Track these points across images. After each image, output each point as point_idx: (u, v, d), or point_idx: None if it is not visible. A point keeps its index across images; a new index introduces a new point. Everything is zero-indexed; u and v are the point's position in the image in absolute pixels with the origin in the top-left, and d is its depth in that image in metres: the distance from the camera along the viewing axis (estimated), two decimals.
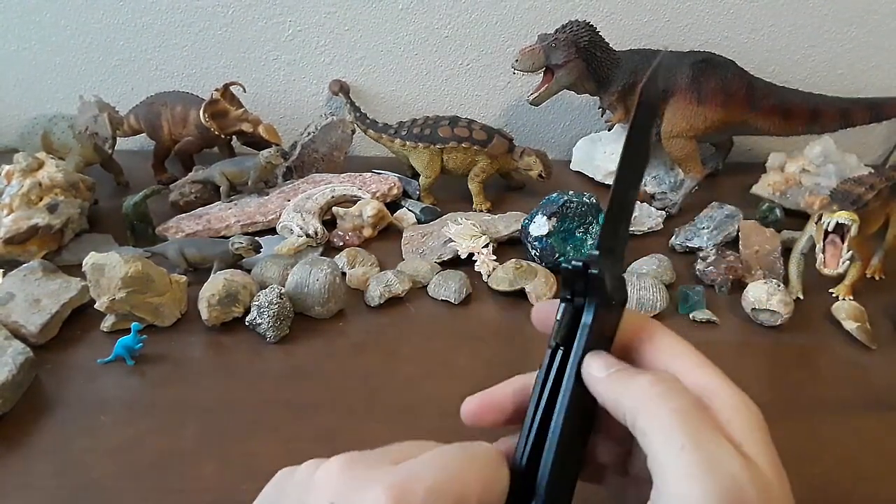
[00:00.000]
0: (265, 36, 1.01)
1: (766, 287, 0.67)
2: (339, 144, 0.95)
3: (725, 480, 0.24)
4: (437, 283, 0.72)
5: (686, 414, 0.26)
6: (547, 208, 0.76)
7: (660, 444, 0.26)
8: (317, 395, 0.58)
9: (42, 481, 0.48)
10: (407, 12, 0.99)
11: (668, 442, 0.25)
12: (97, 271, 0.62)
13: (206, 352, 0.63)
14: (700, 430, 0.25)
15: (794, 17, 1.00)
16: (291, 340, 0.64)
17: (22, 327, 0.61)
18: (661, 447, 0.26)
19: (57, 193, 0.75)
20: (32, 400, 0.56)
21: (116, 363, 0.60)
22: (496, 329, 0.67)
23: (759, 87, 0.88)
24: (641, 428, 0.27)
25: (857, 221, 0.66)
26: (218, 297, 0.63)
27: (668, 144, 0.88)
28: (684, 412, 0.26)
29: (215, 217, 0.82)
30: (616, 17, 1.00)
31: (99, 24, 1.00)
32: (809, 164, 0.90)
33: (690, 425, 0.26)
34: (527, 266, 0.72)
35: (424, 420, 0.55)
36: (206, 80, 1.03)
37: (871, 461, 0.52)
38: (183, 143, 0.92)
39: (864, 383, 0.61)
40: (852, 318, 0.66)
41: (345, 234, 0.81)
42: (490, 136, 0.88)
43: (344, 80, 1.02)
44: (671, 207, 0.89)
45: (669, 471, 0.25)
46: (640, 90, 0.32)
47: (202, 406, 0.56)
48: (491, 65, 1.04)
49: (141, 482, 0.48)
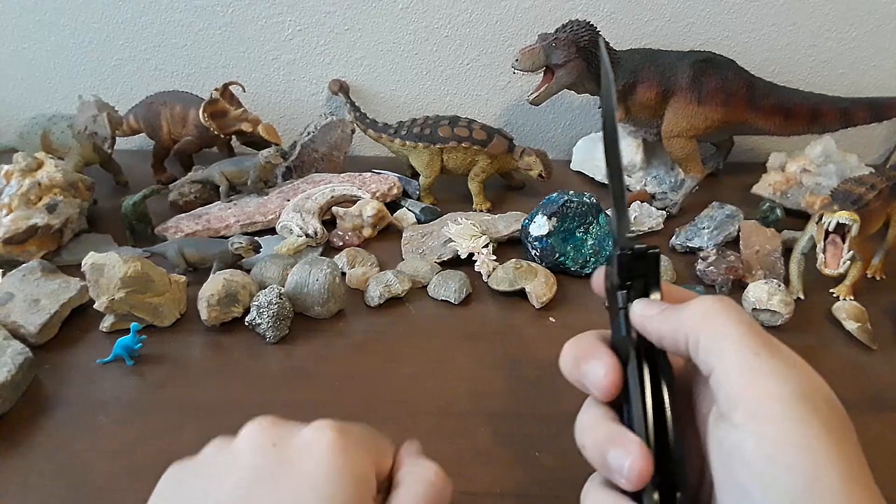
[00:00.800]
0: (265, 35, 1.01)
1: (767, 287, 0.67)
2: (339, 144, 0.95)
3: (806, 379, 0.25)
4: (437, 283, 0.71)
5: (752, 325, 0.27)
6: (547, 208, 0.76)
7: (733, 352, 0.25)
8: (317, 395, 0.58)
9: (42, 481, 0.48)
10: (407, 12, 0.99)
11: (742, 349, 0.25)
12: (96, 271, 0.62)
13: (205, 352, 0.63)
14: (769, 339, 0.26)
15: (794, 17, 1.00)
16: (291, 340, 0.64)
17: (21, 327, 0.61)
18: (735, 355, 0.25)
19: (56, 193, 0.74)
20: (32, 400, 0.56)
21: (116, 363, 0.60)
22: (496, 329, 0.67)
23: (759, 87, 0.88)
24: (707, 346, 0.26)
25: (858, 221, 0.66)
26: (217, 297, 0.63)
27: (668, 144, 0.88)
28: (750, 324, 0.27)
29: (215, 217, 0.82)
30: (616, 17, 1.00)
31: (99, 24, 1.00)
32: (810, 163, 0.90)
33: (760, 335, 0.26)
34: (527, 266, 0.72)
35: (424, 420, 0.55)
36: (206, 79, 1.03)
37: (872, 461, 0.52)
38: (182, 142, 0.92)
39: (864, 383, 0.61)
40: (853, 318, 0.66)
41: (345, 234, 0.81)
42: (490, 135, 0.87)
43: (344, 79, 1.02)
44: (672, 207, 0.89)
45: (750, 375, 0.25)
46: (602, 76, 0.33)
47: (202, 406, 0.56)
48: (491, 65, 1.04)
49: (141, 482, 0.48)
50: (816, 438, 0.23)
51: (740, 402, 0.24)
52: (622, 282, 0.31)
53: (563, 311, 0.69)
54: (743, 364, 0.25)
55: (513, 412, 0.56)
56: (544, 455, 0.51)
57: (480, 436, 0.53)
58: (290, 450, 0.29)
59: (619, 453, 0.27)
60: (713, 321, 0.27)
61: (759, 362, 0.25)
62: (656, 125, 0.90)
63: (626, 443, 0.27)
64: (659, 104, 0.88)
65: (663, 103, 0.87)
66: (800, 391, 0.24)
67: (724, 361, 0.26)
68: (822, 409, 0.24)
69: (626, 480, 0.26)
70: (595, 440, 0.28)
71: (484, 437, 0.53)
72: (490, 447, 0.52)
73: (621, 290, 0.31)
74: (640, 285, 0.31)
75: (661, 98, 0.87)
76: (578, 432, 0.30)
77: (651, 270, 0.31)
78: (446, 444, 0.52)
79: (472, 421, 0.55)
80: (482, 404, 0.57)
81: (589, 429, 0.29)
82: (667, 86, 0.86)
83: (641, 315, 0.29)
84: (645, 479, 0.26)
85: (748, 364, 0.25)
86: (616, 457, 0.27)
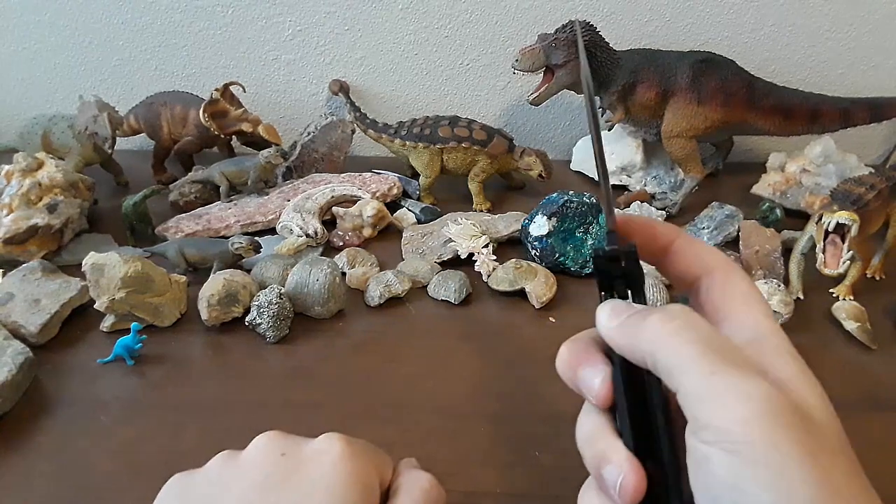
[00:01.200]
0: (265, 36, 1.01)
1: (767, 287, 0.67)
2: (339, 144, 0.95)
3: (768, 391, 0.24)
4: (437, 283, 0.71)
5: (708, 342, 0.25)
6: (547, 208, 0.76)
7: (688, 375, 0.25)
8: (317, 395, 0.58)
9: (42, 481, 0.48)
10: (407, 12, 0.99)
11: (696, 371, 0.24)
12: (97, 271, 0.62)
13: (205, 352, 0.63)
14: (724, 354, 0.25)
15: (794, 17, 1.00)
16: (291, 340, 0.64)
17: (22, 327, 0.61)
18: (689, 378, 0.25)
19: (56, 193, 0.75)
20: (32, 400, 0.56)
21: (116, 363, 0.60)
22: (496, 329, 0.67)
23: (759, 87, 0.88)
24: (665, 366, 0.26)
25: (858, 221, 0.66)
26: (218, 297, 0.63)
27: (668, 144, 0.88)
28: (706, 341, 0.25)
29: (215, 217, 0.82)
30: (616, 17, 1.00)
31: (99, 24, 1.00)
32: (810, 163, 0.90)
33: (716, 352, 0.25)
34: (527, 266, 0.72)
35: (424, 420, 0.55)
36: (206, 80, 1.03)
37: (872, 461, 0.52)
38: (183, 142, 0.92)
39: (864, 383, 0.61)
40: (853, 318, 0.66)
41: (345, 234, 0.81)
42: (490, 135, 0.88)
43: (344, 79, 1.02)
44: (671, 207, 0.89)
45: (705, 398, 0.24)
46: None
47: (202, 406, 0.56)
48: (491, 65, 1.04)
49: (141, 482, 0.48)
50: (787, 455, 0.22)
51: (706, 426, 0.24)
52: (602, 284, 0.31)
53: (563, 311, 0.69)
54: (699, 388, 0.24)
55: (513, 412, 0.56)
56: (544, 455, 0.51)
57: (480, 436, 0.53)
58: (300, 458, 0.30)
59: (612, 469, 0.27)
60: (667, 342, 0.26)
61: (715, 382, 0.24)
62: (656, 125, 0.90)
63: (620, 459, 0.27)
64: (659, 104, 0.88)
65: (663, 103, 0.88)
66: (764, 408, 0.23)
67: (682, 385, 0.25)
68: (790, 422, 0.23)
69: (619, 497, 0.26)
70: (592, 452, 0.28)
71: (484, 437, 0.53)
72: (490, 447, 0.52)
73: (603, 292, 0.31)
74: (622, 287, 0.30)
75: (661, 98, 0.87)
76: (578, 439, 0.30)
77: (630, 271, 0.30)
78: (446, 445, 0.52)
79: (472, 421, 0.55)
80: (482, 404, 0.57)
81: (587, 440, 0.29)
82: (666, 86, 0.86)
83: (600, 325, 0.29)
84: (638, 496, 0.26)
85: (705, 386, 0.24)
86: (610, 472, 0.27)
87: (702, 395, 0.24)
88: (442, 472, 0.35)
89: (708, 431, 0.24)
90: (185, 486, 0.30)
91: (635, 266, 0.30)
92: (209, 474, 0.30)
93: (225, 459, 0.31)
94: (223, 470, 0.30)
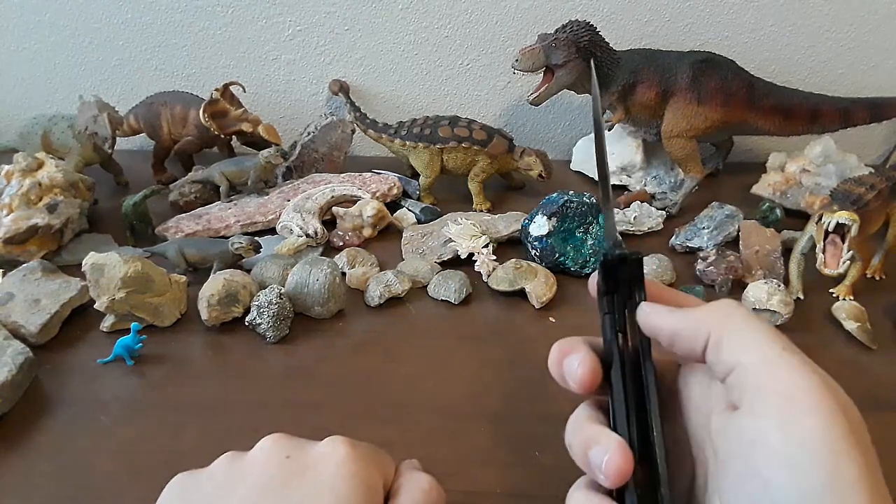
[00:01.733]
0: (265, 35, 1.01)
1: (767, 287, 0.67)
2: (339, 144, 0.95)
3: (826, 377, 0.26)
4: (437, 283, 0.71)
5: (771, 327, 0.28)
6: (547, 208, 0.76)
7: (761, 348, 0.27)
8: (317, 395, 0.58)
9: (42, 481, 0.48)
10: (407, 12, 0.99)
11: (769, 345, 0.27)
12: (97, 271, 0.62)
13: (205, 352, 0.63)
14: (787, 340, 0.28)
15: (794, 17, 1.00)
16: (291, 340, 0.64)
17: (21, 327, 0.61)
18: (762, 351, 0.27)
19: (56, 193, 0.75)
20: (32, 400, 0.56)
21: (116, 363, 0.60)
22: (496, 329, 0.67)
23: (759, 87, 0.88)
24: (732, 343, 0.27)
25: (858, 221, 0.66)
26: (218, 297, 0.63)
27: (668, 144, 0.88)
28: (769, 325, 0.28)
29: (215, 217, 0.82)
30: (616, 17, 1.00)
31: (99, 24, 1.00)
32: (810, 163, 0.90)
33: (781, 335, 0.28)
34: (527, 266, 0.72)
35: (424, 420, 0.55)
36: (206, 80, 1.03)
37: None
38: (183, 142, 0.92)
39: (864, 383, 0.61)
40: (853, 318, 0.66)
41: (345, 234, 0.81)
42: (490, 135, 0.88)
43: (344, 79, 1.02)
44: (671, 207, 0.89)
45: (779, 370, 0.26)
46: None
47: (202, 406, 0.56)
48: (491, 65, 1.04)
49: (141, 482, 0.48)
50: (841, 435, 0.24)
51: (770, 396, 0.25)
52: (607, 287, 0.32)
53: (563, 311, 0.69)
54: (771, 359, 0.26)
55: (513, 412, 0.56)
56: (544, 455, 0.51)
57: (480, 436, 0.53)
58: (305, 460, 0.30)
59: (598, 450, 0.28)
60: (737, 321, 0.28)
61: (786, 357, 0.26)
62: (656, 125, 0.90)
63: (606, 441, 0.28)
64: (659, 104, 0.88)
65: (663, 103, 0.87)
66: (825, 385, 0.25)
67: (752, 357, 0.27)
68: (844, 406, 0.25)
69: (604, 476, 0.27)
70: (579, 439, 0.30)
71: (484, 437, 0.53)
72: (490, 447, 0.52)
73: (607, 295, 0.32)
74: (626, 290, 0.31)
75: (661, 98, 0.87)
76: (567, 433, 0.31)
77: (635, 276, 0.32)
78: (446, 445, 0.52)
79: (472, 421, 0.55)
80: (482, 404, 0.57)
81: (576, 429, 0.31)
82: (666, 86, 0.86)
83: (654, 313, 0.30)
84: (624, 476, 0.27)
85: (777, 359, 0.26)
86: (596, 453, 0.28)
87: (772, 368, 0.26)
88: (442, 472, 0.35)
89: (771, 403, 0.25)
90: (188, 486, 0.30)
91: (639, 271, 0.31)
92: (214, 475, 0.30)
93: (230, 460, 0.31)
94: (228, 471, 0.30)
